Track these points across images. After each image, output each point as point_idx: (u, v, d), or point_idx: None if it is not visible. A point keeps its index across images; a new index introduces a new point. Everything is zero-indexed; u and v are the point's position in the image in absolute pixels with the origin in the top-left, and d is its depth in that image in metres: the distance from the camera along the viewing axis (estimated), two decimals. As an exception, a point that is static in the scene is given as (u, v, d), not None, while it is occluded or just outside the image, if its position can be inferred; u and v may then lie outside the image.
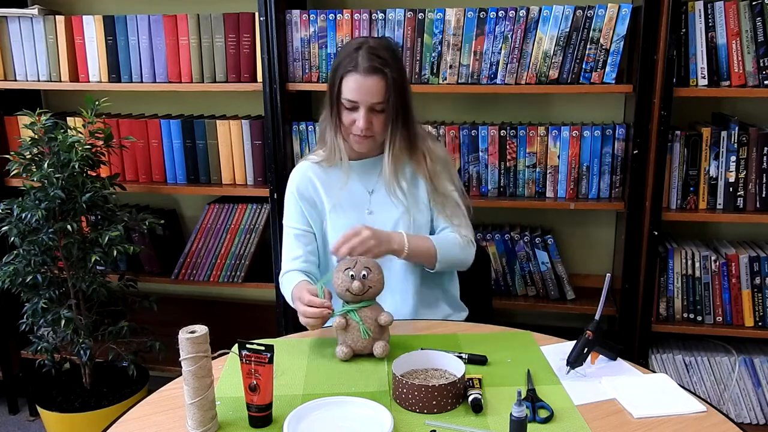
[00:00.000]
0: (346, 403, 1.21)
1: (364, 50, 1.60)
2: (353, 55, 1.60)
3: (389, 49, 1.64)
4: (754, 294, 2.10)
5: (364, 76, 1.58)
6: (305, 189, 1.74)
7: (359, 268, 1.40)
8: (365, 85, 1.59)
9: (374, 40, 1.65)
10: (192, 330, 1.14)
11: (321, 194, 1.74)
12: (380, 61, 1.59)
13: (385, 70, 1.59)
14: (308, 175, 1.75)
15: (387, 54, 1.61)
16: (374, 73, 1.58)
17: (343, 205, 1.72)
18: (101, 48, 2.32)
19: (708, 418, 1.20)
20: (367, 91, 1.59)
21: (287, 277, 1.71)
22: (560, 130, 2.13)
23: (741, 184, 2.04)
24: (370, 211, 1.73)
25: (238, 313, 2.70)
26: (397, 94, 1.61)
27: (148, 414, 1.23)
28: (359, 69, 1.58)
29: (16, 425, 2.60)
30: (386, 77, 1.59)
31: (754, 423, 2.18)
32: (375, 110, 1.62)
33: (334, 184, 1.73)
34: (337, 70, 1.63)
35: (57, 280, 2.15)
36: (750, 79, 1.97)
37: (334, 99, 1.64)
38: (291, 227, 1.75)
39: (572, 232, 2.43)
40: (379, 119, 1.63)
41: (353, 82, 1.59)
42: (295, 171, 1.79)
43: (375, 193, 1.73)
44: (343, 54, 1.63)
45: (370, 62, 1.58)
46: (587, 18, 2.00)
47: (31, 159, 2.08)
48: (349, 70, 1.60)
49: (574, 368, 1.35)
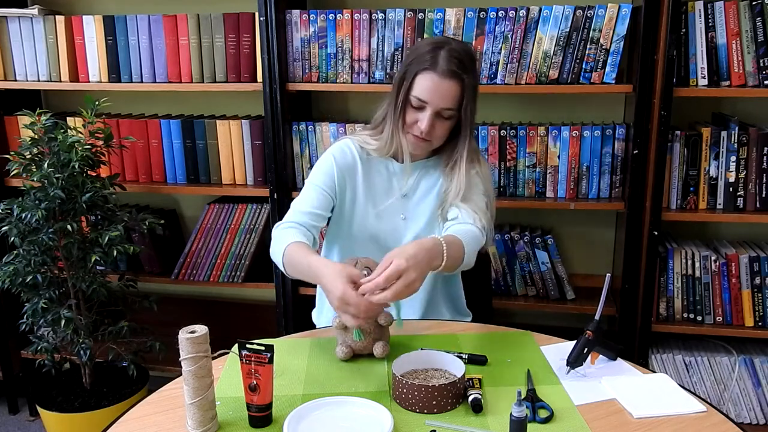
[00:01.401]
0: (346, 403, 1.21)
1: (446, 51, 1.52)
2: (433, 53, 1.52)
3: (470, 55, 1.56)
4: (754, 294, 2.10)
5: (441, 78, 1.51)
6: (346, 165, 1.65)
7: (360, 268, 1.40)
8: (441, 88, 1.51)
9: (457, 43, 1.57)
10: (192, 330, 1.14)
11: (358, 181, 1.65)
12: (461, 66, 1.51)
13: (464, 76, 1.52)
14: (355, 156, 1.66)
15: (468, 60, 1.54)
16: (452, 77, 1.51)
17: (378, 204, 1.66)
18: (101, 48, 2.32)
19: (708, 418, 1.20)
20: (441, 94, 1.52)
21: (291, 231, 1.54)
22: (560, 130, 2.13)
23: (741, 184, 2.04)
24: (405, 217, 1.67)
25: (238, 313, 2.70)
26: (469, 103, 1.54)
27: (148, 414, 1.23)
28: (437, 69, 1.51)
29: (16, 425, 2.60)
30: (463, 84, 1.52)
31: (754, 423, 2.18)
32: (441, 115, 1.55)
33: (374, 176, 1.66)
34: (412, 64, 1.55)
35: (57, 280, 2.15)
36: (750, 79, 1.97)
37: (403, 94, 1.55)
38: (316, 184, 1.63)
39: (572, 232, 2.43)
40: (443, 125, 1.56)
41: (428, 81, 1.52)
42: (343, 146, 1.68)
43: (408, 198, 1.67)
44: (422, 50, 1.55)
45: (449, 65, 1.50)
46: (587, 18, 2.00)
47: (31, 159, 2.08)
48: (426, 68, 1.52)
49: (574, 368, 1.35)
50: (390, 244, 1.63)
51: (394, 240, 1.66)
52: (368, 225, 1.66)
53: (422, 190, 1.67)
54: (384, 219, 1.66)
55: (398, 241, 1.66)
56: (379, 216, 1.66)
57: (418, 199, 1.67)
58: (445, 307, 1.76)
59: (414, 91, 1.54)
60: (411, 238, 1.65)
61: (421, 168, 1.68)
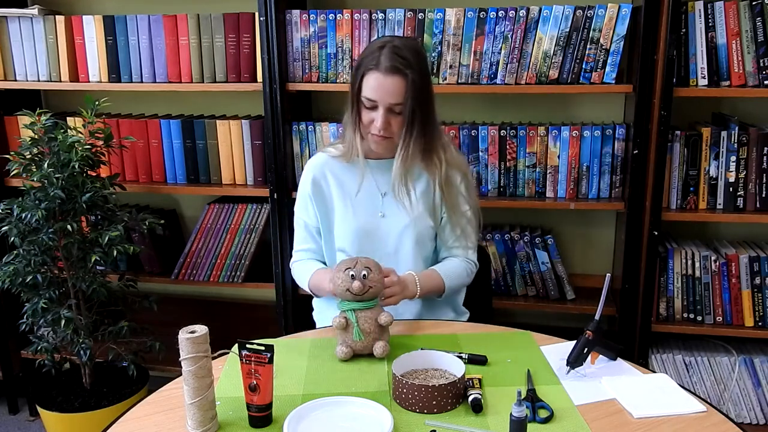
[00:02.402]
0: (346, 403, 1.21)
1: (387, 49, 1.57)
2: (376, 53, 1.58)
3: (414, 50, 1.61)
4: (754, 294, 2.10)
5: (384, 75, 1.56)
6: (319, 182, 1.74)
7: (359, 268, 1.40)
8: (385, 85, 1.57)
9: (400, 40, 1.62)
10: (192, 330, 1.14)
11: (333, 189, 1.73)
12: (402, 62, 1.56)
13: (407, 71, 1.56)
14: (324, 169, 1.74)
15: (411, 55, 1.58)
16: (395, 73, 1.56)
17: (356, 205, 1.71)
18: (101, 48, 2.32)
19: (708, 418, 1.20)
20: (386, 91, 1.57)
21: (304, 265, 1.75)
22: (560, 130, 2.13)
23: (741, 184, 2.04)
24: (383, 214, 1.71)
25: (238, 313, 2.70)
26: (417, 97, 1.58)
27: (148, 414, 1.23)
28: (380, 67, 1.56)
29: (16, 425, 2.60)
30: (406, 78, 1.56)
31: (754, 423, 2.18)
32: (394, 111, 1.60)
33: (348, 180, 1.72)
34: (359, 66, 1.61)
35: (57, 280, 2.15)
36: (750, 79, 1.97)
37: (355, 96, 1.62)
38: (303, 219, 1.76)
39: (572, 232, 2.43)
40: (397, 120, 1.61)
41: (373, 81, 1.57)
42: (312, 162, 1.78)
43: (387, 196, 1.71)
44: (368, 51, 1.61)
45: (391, 62, 1.56)
46: (587, 18, 2.00)
47: (31, 159, 2.08)
48: (371, 68, 1.58)
49: (574, 368, 1.35)
50: (376, 244, 1.70)
51: (379, 239, 1.70)
52: (352, 228, 1.70)
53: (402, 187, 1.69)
54: (363, 219, 1.70)
55: (383, 239, 1.70)
56: (356, 214, 1.70)
57: (399, 197, 1.69)
58: (443, 302, 1.77)
59: (364, 91, 1.59)
60: (396, 235, 1.69)
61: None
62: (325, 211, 1.74)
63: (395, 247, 1.70)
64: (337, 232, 1.72)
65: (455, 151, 1.76)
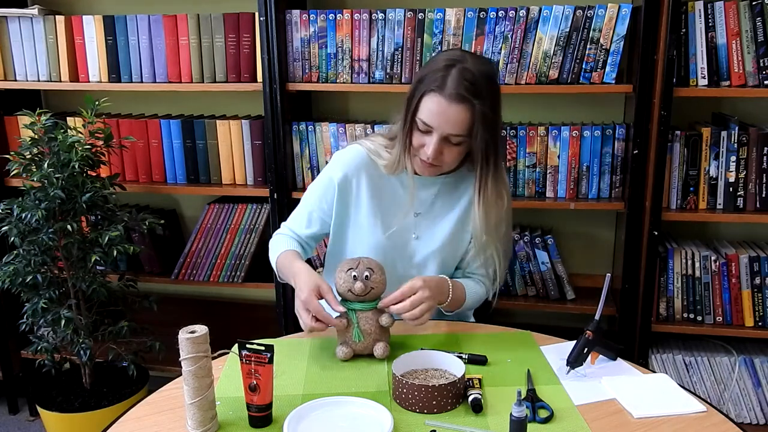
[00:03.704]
0: (346, 403, 1.21)
1: (457, 70, 1.39)
2: (444, 72, 1.40)
3: (486, 76, 1.42)
4: (754, 294, 2.10)
5: (448, 102, 1.38)
6: (350, 181, 1.57)
7: (362, 269, 1.40)
8: (447, 112, 1.39)
9: (473, 61, 1.42)
10: (192, 330, 1.14)
11: (363, 195, 1.58)
12: (471, 89, 1.38)
13: (475, 101, 1.38)
14: (360, 169, 1.57)
15: (482, 82, 1.40)
16: (461, 101, 1.38)
17: (387, 221, 1.57)
18: (101, 48, 2.32)
19: (708, 418, 1.20)
20: (447, 119, 1.40)
21: (286, 239, 1.62)
22: (560, 130, 2.13)
23: (741, 184, 2.04)
24: (417, 236, 1.59)
25: (238, 313, 2.70)
26: (485, 130, 1.41)
27: (148, 414, 1.23)
28: (445, 92, 1.39)
29: (16, 425, 2.60)
30: (473, 109, 1.39)
31: (754, 423, 2.18)
32: (450, 141, 1.44)
33: (385, 192, 1.57)
34: (420, 82, 1.43)
35: (57, 280, 2.15)
36: (750, 79, 1.97)
37: (410, 114, 1.45)
38: (313, 203, 1.62)
39: (572, 232, 2.43)
40: (451, 151, 1.45)
41: (434, 105, 1.40)
42: (349, 156, 1.59)
43: (422, 217, 1.58)
44: (434, 66, 1.43)
45: (458, 88, 1.38)
46: (587, 18, 2.00)
47: (31, 159, 2.08)
48: (433, 89, 1.40)
49: (574, 368, 1.35)
50: (398, 264, 1.60)
51: (403, 260, 1.61)
52: (376, 242, 1.58)
53: (439, 209, 1.59)
54: (394, 238, 1.57)
55: (407, 260, 1.62)
56: (388, 234, 1.57)
57: (433, 218, 1.58)
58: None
59: (420, 113, 1.43)
60: (421, 259, 1.61)
61: (441, 185, 1.59)
62: (346, 212, 1.60)
63: (419, 269, 1.61)
64: (356, 240, 1.60)
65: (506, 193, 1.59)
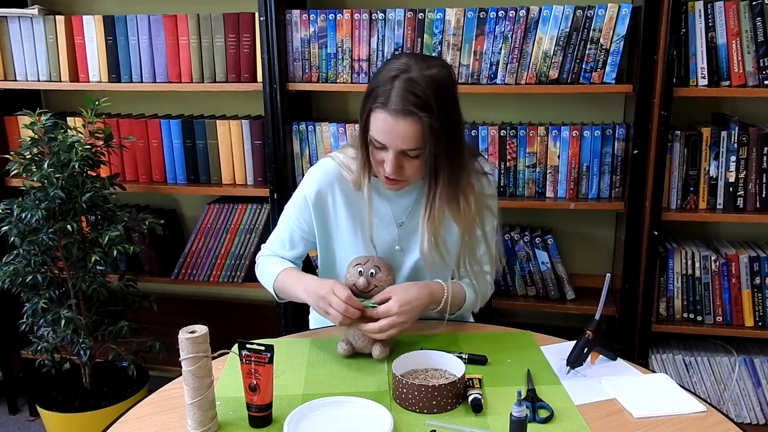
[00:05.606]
0: (346, 403, 1.21)
1: (401, 82, 1.29)
2: (389, 85, 1.30)
3: (434, 83, 1.30)
4: (754, 294, 2.10)
5: (394, 119, 1.30)
6: (325, 196, 1.53)
7: (369, 266, 1.41)
8: (395, 129, 1.31)
9: (419, 69, 1.31)
10: (192, 330, 1.14)
11: (340, 209, 1.53)
12: (417, 102, 1.28)
13: (421, 113, 1.28)
14: (333, 184, 1.52)
15: (429, 91, 1.29)
16: (407, 116, 1.29)
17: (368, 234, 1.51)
18: (101, 48, 2.32)
19: (708, 418, 1.20)
20: (396, 136, 1.32)
21: (275, 260, 1.56)
22: (560, 130, 2.13)
23: (741, 184, 2.04)
24: (401, 248, 1.55)
25: (238, 313, 2.70)
26: (438, 141, 1.31)
27: (148, 414, 1.23)
28: (389, 107, 1.30)
29: (16, 425, 2.60)
30: (421, 122, 1.29)
31: (754, 423, 2.18)
32: (408, 155, 1.35)
33: (361, 205, 1.51)
34: (368, 97, 1.35)
35: (57, 280, 2.15)
36: (750, 79, 1.97)
37: (362, 131, 1.38)
38: (293, 224, 1.57)
39: (572, 232, 2.43)
40: (412, 164, 1.37)
41: (381, 122, 1.32)
42: (320, 171, 1.53)
43: (404, 227, 1.53)
44: (380, 79, 1.33)
45: (403, 103, 1.28)
46: (587, 18, 2.00)
47: (31, 159, 2.08)
48: (378, 105, 1.31)
49: (574, 368, 1.35)
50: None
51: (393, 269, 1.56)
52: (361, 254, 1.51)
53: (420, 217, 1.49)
54: (377, 251, 1.52)
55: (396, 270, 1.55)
56: (368, 247, 1.52)
57: (415, 228, 1.51)
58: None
59: (371, 131, 1.35)
60: (409, 267, 1.56)
61: (418, 193, 1.51)
62: (326, 227, 1.56)
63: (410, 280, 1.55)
64: (343, 253, 1.56)
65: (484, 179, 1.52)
